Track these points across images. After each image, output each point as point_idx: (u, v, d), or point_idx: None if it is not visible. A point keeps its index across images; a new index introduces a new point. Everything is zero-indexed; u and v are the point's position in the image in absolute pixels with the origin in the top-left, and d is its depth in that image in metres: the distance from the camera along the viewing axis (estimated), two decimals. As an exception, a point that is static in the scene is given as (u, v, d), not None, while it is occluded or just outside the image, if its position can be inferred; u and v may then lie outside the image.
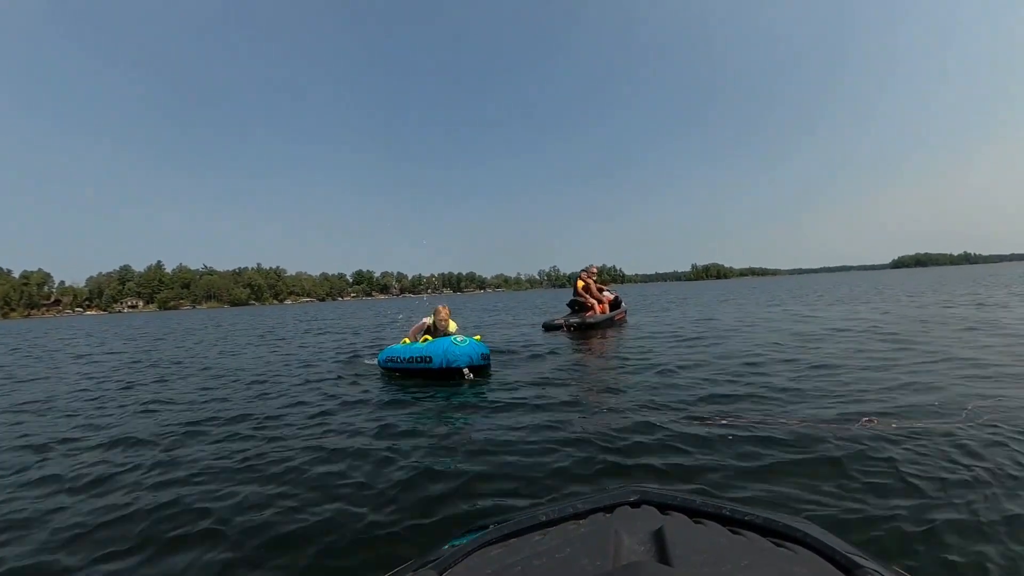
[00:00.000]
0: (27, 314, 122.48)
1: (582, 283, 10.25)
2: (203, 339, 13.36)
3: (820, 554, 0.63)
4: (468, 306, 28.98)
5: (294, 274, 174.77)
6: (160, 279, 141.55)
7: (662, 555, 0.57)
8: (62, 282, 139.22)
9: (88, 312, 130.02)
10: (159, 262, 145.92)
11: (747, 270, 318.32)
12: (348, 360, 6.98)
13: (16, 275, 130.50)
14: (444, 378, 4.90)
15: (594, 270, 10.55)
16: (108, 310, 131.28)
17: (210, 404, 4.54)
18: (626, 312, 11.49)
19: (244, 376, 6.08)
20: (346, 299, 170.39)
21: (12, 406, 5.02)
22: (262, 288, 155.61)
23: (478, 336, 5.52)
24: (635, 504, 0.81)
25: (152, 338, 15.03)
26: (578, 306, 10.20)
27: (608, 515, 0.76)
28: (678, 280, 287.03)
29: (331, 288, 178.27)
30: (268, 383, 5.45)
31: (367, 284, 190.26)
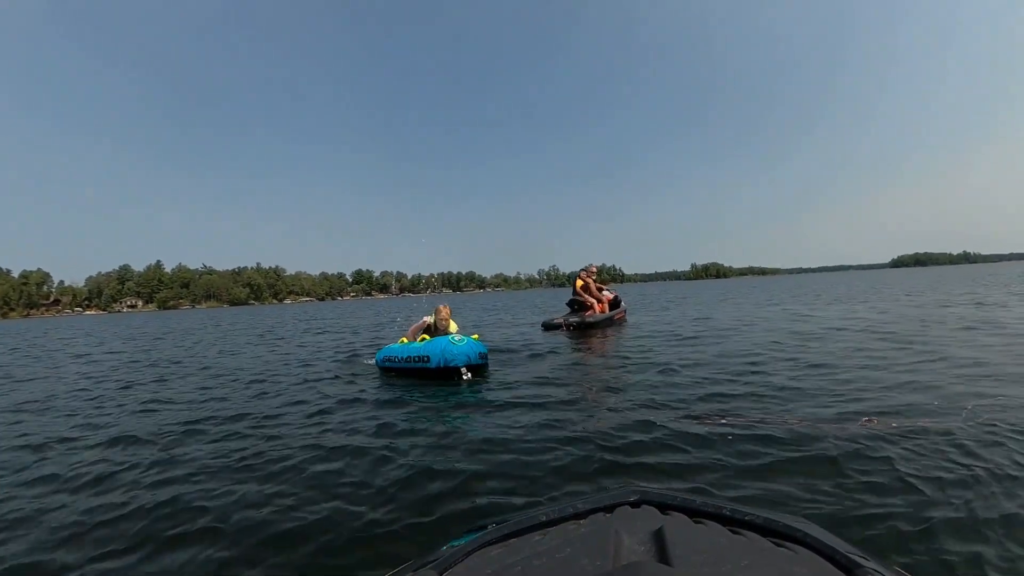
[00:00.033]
0: (26, 314, 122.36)
1: (581, 282, 10.24)
2: (202, 339, 13.35)
3: (820, 554, 0.63)
4: (467, 305, 28.98)
5: (293, 273, 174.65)
6: (159, 279, 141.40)
7: (662, 555, 0.57)
8: (61, 282, 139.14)
9: (87, 312, 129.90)
10: (158, 262, 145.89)
11: (746, 269, 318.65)
12: (347, 359, 6.98)
13: (15, 275, 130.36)
14: (442, 378, 4.89)
15: (593, 269, 10.55)
16: (107, 310, 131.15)
17: (209, 403, 4.53)
18: (625, 311, 11.49)
19: (243, 375, 6.08)
20: (345, 299, 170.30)
21: (11, 406, 5.01)
22: (261, 288, 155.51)
23: (476, 335, 5.50)
24: (635, 504, 0.80)
25: (151, 338, 15.02)
26: (578, 305, 10.20)
27: (608, 515, 0.76)
28: (677, 279, 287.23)
29: (330, 287, 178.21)
30: (267, 382, 5.45)
31: (366, 284, 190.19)
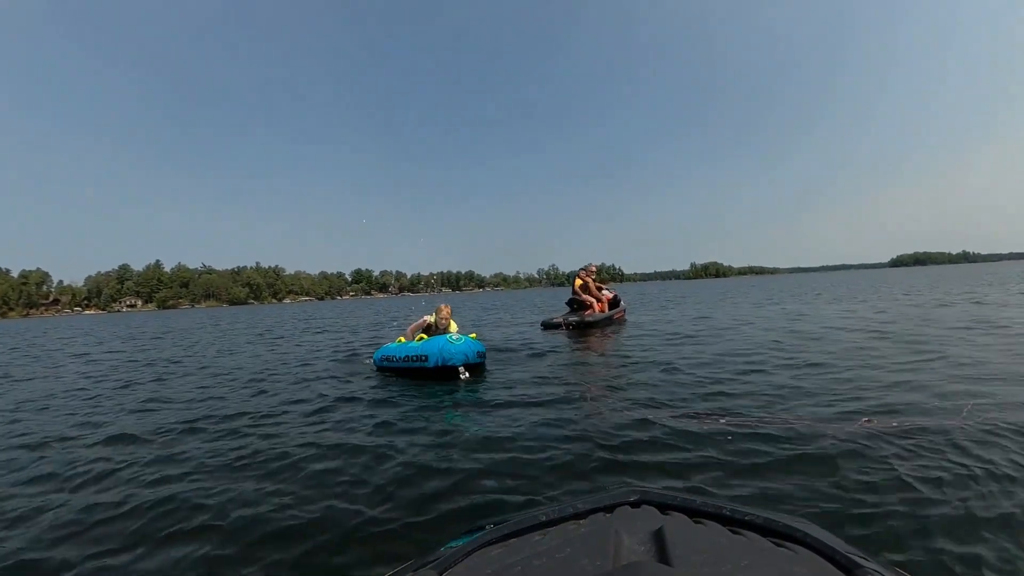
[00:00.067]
0: (26, 313, 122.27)
1: (580, 281, 10.23)
2: (201, 338, 13.33)
3: (820, 554, 0.63)
4: (467, 305, 28.97)
5: (293, 273, 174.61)
6: (159, 278, 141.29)
7: (662, 555, 0.57)
8: (60, 281, 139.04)
9: (87, 311, 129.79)
10: (158, 261, 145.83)
11: (746, 269, 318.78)
12: (346, 359, 6.97)
13: (15, 274, 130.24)
14: (440, 377, 4.88)
15: (593, 269, 10.54)
16: (107, 309, 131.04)
17: (207, 402, 4.53)
18: (625, 311, 11.49)
19: (241, 375, 6.07)
20: (345, 298, 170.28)
21: (10, 405, 5.00)
22: (261, 287, 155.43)
23: (473, 334, 5.49)
24: (635, 504, 0.80)
25: (150, 337, 15.00)
26: (577, 304, 10.19)
27: (608, 515, 0.76)
28: (677, 279, 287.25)
29: (330, 287, 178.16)
30: (265, 381, 5.44)
31: (366, 283, 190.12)
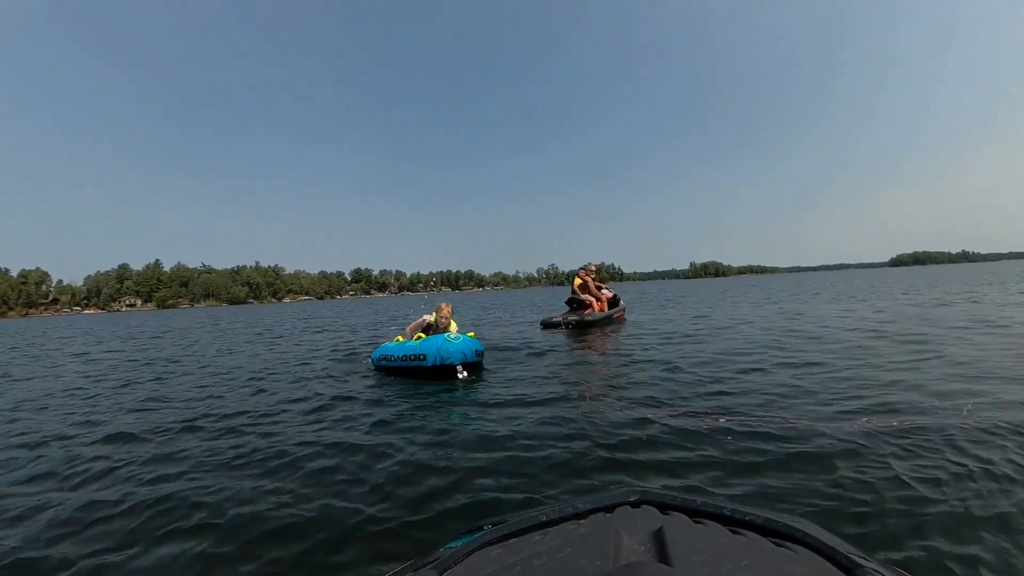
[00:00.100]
0: (25, 313, 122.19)
1: (580, 281, 10.23)
2: (201, 337, 13.33)
3: (820, 554, 0.63)
4: (466, 304, 28.97)
5: (292, 272, 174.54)
6: (158, 278, 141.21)
7: (662, 555, 0.57)
8: (60, 281, 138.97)
9: (86, 311, 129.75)
10: (157, 261, 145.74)
11: (746, 268, 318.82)
12: (345, 358, 6.97)
13: (14, 274, 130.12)
14: (438, 377, 4.87)
15: (592, 268, 10.54)
16: (106, 309, 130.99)
17: (206, 401, 4.53)
18: (624, 310, 11.49)
19: (241, 374, 6.07)
20: (344, 297, 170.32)
21: (9, 404, 5.00)
22: (260, 286, 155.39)
23: (471, 333, 5.49)
24: (635, 504, 0.80)
25: (150, 336, 14.99)
26: (577, 304, 10.19)
27: (608, 515, 0.75)
28: (676, 278, 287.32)
29: (329, 286, 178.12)
30: (264, 380, 5.44)
31: (365, 282, 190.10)
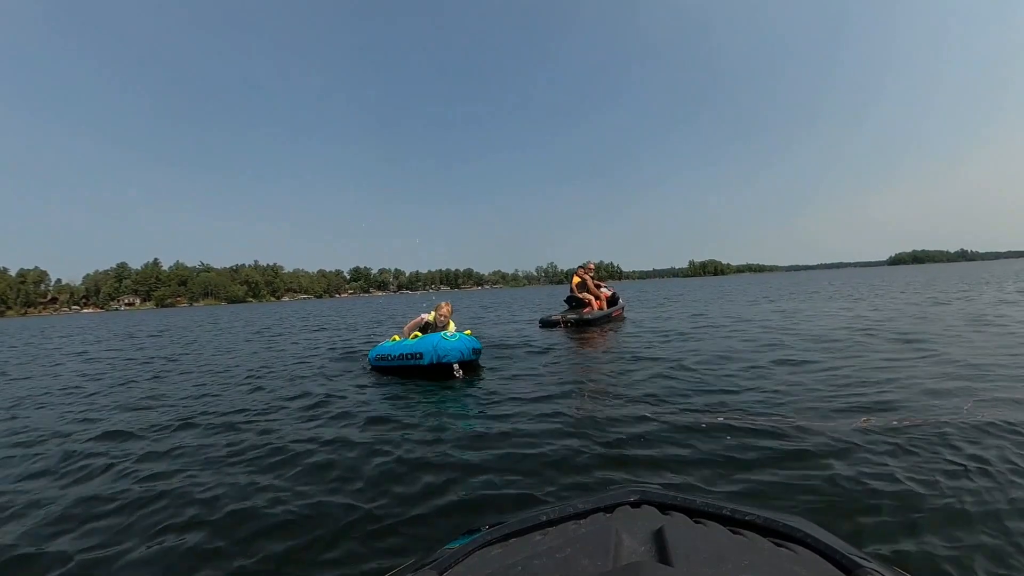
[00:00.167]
0: (24, 312, 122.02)
1: (578, 279, 10.23)
2: (199, 336, 13.32)
3: (820, 554, 0.63)
4: (465, 303, 28.95)
5: (291, 271, 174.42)
6: (157, 276, 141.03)
7: (662, 555, 0.56)
8: (59, 280, 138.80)
9: (85, 310, 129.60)
10: (156, 260, 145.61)
11: (744, 267, 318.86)
12: (343, 356, 6.96)
13: (13, 273, 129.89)
14: (435, 375, 4.86)
15: (591, 266, 10.53)
16: (105, 308, 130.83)
17: (204, 399, 4.52)
18: (623, 309, 11.48)
19: (239, 372, 6.07)
20: (343, 296, 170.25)
21: (7, 403, 4.99)
22: (259, 285, 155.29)
23: (468, 331, 5.48)
24: (635, 504, 0.80)
25: (148, 335, 14.98)
26: (575, 302, 10.19)
27: (608, 515, 0.75)
28: (675, 277, 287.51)
29: (328, 285, 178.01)
30: (262, 379, 5.44)
31: (364, 281, 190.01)
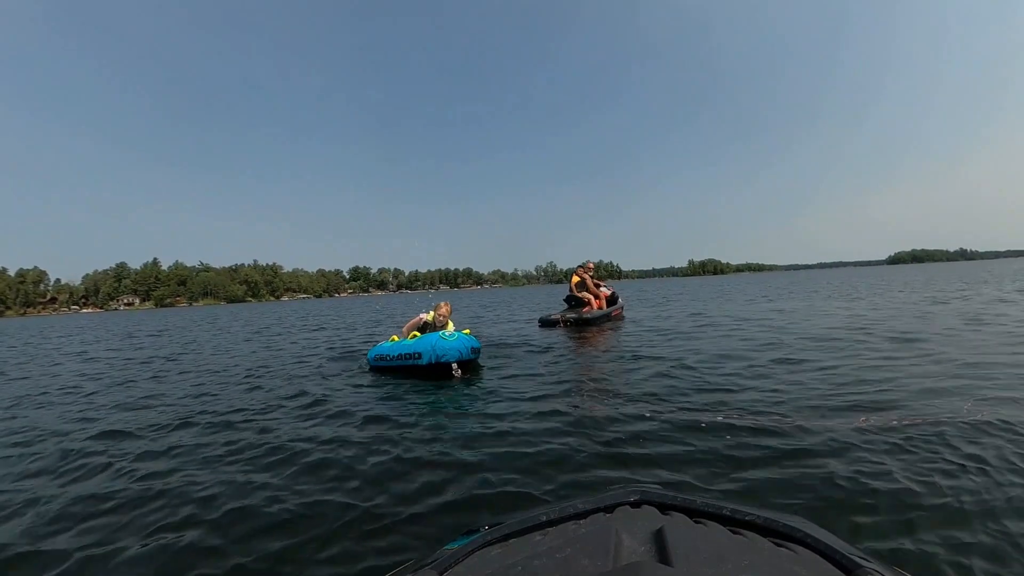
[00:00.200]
0: (23, 312, 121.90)
1: (578, 278, 10.23)
2: (198, 336, 13.31)
3: (820, 554, 0.63)
4: (465, 302, 28.94)
5: (290, 271, 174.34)
6: (156, 276, 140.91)
7: (662, 555, 0.56)
8: (58, 280, 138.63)
9: (84, 310, 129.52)
10: (155, 259, 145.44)
11: (744, 266, 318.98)
12: (342, 356, 6.96)
13: (12, 273, 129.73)
14: (434, 375, 4.86)
15: (591, 266, 10.53)
16: (104, 308, 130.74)
17: (202, 398, 4.52)
18: (623, 308, 11.48)
19: (237, 371, 6.07)
20: (343, 295, 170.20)
21: (5, 402, 4.99)
22: (259, 285, 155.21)
23: (467, 330, 5.47)
24: (635, 504, 0.80)
25: (147, 335, 14.97)
26: (575, 302, 10.19)
27: (608, 515, 0.75)
28: (675, 276, 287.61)
29: (328, 284, 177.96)
30: (261, 378, 5.44)
31: (364, 280, 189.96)
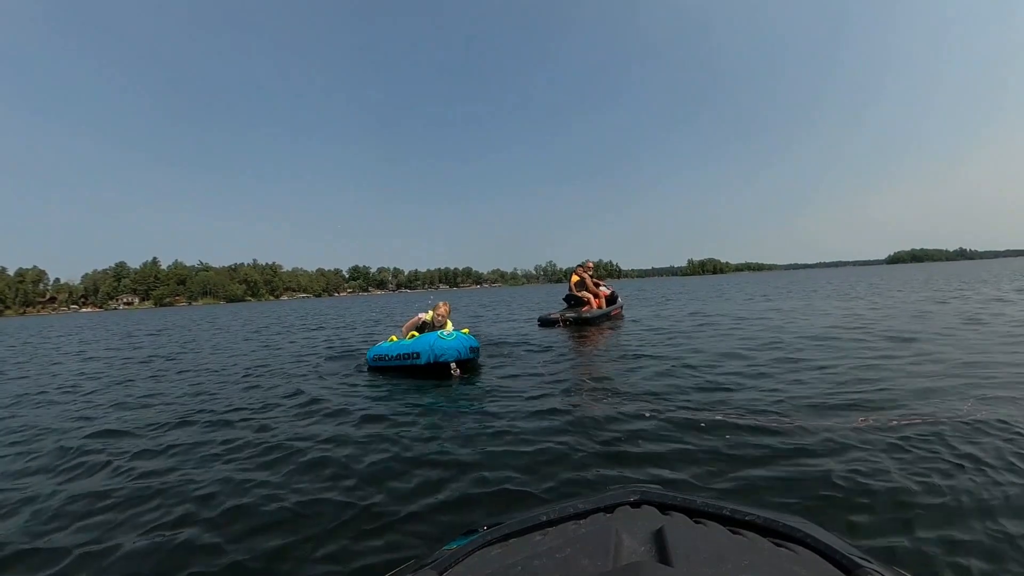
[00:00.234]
0: (22, 312, 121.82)
1: (577, 278, 10.23)
2: (197, 335, 13.30)
3: (820, 554, 0.63)
4: (464, 301, 28.93)
5: (290, 270, 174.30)
6: (156, 276, 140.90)
7: (662, 555, 0.56)
8: (57, 279, 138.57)
9: (84, 309, 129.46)
10: (155, 259, 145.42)
11: (743, 265, 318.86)
12: (341, 355, 6.96)
13: (11, 272, 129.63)
14: (432, 375, 4.86)
15: (590, 265, 10.52)
16: (104, 307, 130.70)
17: (200, 397, 4.52)
18: (622, 307, 11.47)
19: (236, 370, 6.07)
20: (342, 295, 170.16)
21: (5, 401, 4.99)
22: (258, 284, 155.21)
23: (466, 329, 5.47)
24: (636, 504, 0.80)
25: (147, 334, 14.96)
26: (574, 301, 10.19)
27: (608, 515, 0.75)
28: (674, 275, 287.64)
29: (327, 284, 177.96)
30: (260, 377, 5.44)
31: (363, 280, 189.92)
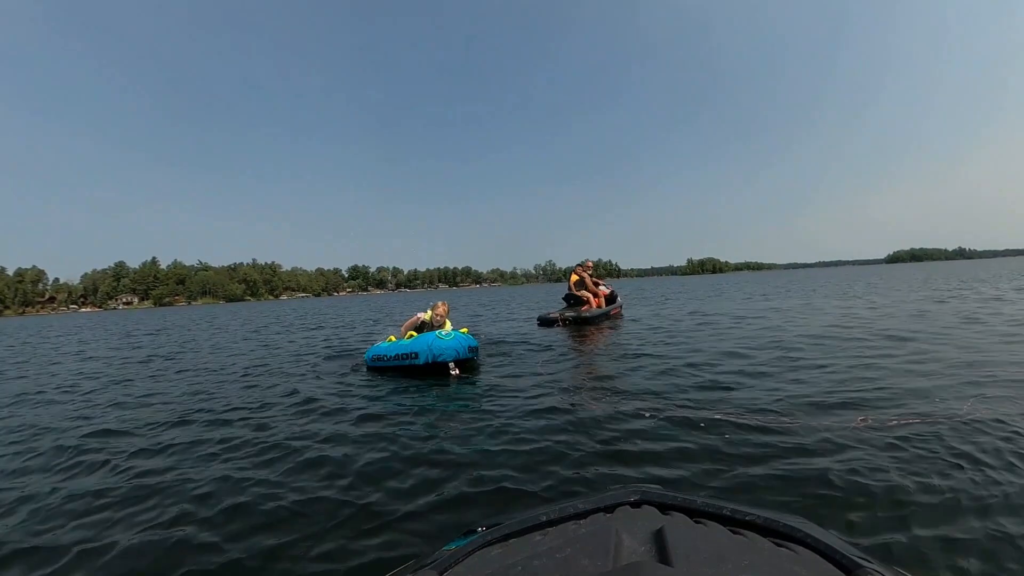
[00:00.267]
0: (22, 312, 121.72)
1: (576, 277, 10.23)
2: (197, 335, 13.30)
3: (821, 554, 0.63)
4: (464, 300, 28.93)
5: (289, 269, 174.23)
6: (155, 275, 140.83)
7: (663, 555, 0.56)
8: (56, 279, 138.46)
9: (83, 309, 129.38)
10: (154, 258, 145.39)
11: (743, 265, 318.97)
12: (340, 354, 6.96)
13: (11, 272, 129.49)
14: (431, 374, 4.86)
15: (589, 264, 10.51)
16: (103, 307, 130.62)
17: (199, 396, 4.53)
18: (622, 306, 11.47)
19: (235, 370, 6.07)
20: (342, 294, 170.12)
21: (3, 401, 4.98)
22: (257, 284, 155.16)
23: (465, 329, 5.47)
24: (636, 504, 0.80)
25: (146, 334, 14.95)
26: (574, 300, 10.19)
27: (609, 515, 0.75)
28: (674, 275, 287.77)
29: (327, 283, 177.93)
30: (259, 376, 5.44)
31: (363, 279, 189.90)
